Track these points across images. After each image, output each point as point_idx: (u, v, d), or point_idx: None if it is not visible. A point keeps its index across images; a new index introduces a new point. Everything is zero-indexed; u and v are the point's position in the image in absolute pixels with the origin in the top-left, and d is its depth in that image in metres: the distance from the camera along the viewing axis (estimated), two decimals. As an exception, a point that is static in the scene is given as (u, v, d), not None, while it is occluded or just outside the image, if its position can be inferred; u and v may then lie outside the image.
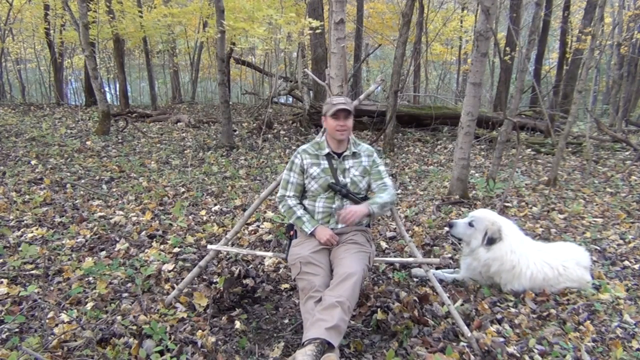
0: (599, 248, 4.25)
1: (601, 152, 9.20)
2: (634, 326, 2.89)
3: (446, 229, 4.65)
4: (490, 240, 3.23)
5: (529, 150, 9.25)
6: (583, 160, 8.36)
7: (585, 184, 6.73)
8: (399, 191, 6.25)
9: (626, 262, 3.94)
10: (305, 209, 2.87)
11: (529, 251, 3.30)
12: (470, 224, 3.35)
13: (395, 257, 3.95)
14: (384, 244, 4.21)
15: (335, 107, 2.72)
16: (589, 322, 2.88)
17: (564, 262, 3.32)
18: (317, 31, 9.95)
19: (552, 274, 3.26)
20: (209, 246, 3.12)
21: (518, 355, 2.52)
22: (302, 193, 2.93)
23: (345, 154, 2.85)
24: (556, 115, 10.36)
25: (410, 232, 4.52)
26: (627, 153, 8.94)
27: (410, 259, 2.98)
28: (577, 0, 15.95)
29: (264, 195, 3.17)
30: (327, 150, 2.84)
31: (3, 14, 15.02)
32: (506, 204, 5.46)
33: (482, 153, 9.13)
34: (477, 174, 7.17)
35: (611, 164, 8.16)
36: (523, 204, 5.62)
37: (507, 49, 11.17)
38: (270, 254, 3.14)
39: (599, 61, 14.42)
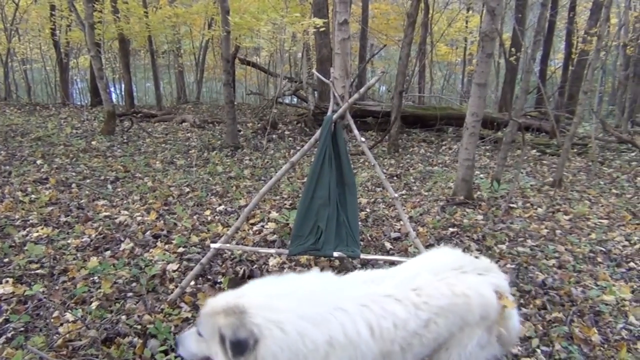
0: (604, 249, 4.23)
1: (607, 153, 9.14)
2: (639, 328, 2.87)
3: (450, 229, 4.64)
4: (237, 347, 1.58)
5: (534, 151, 9.21)
6: (588, 161, 8.31)
7: (590, 185, 6.69)
8: (404, 192, 6.24)
9: (631, 264, 3.92)
10: None
11: (342, 297, 1.75)
12: (200, 333, 1.76)
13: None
14: (388, 245, 4.20)
15: None
16: (594, 323, 2.87)
17: (427, 280, 1.89)
18: (322, 29, 9.95)
19: (407, 312, 1.78)
20: (212, 244, 3.14)
21: (523, 356, 2.51)
22: None
23: None
24: (562, 116, 10.31)
25: (414, 232, 4.50)
26: (632, 154, 8.88)
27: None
28: (582, 0, 15.87)
29: (263, 190, 3.18)
30: None
31: (9, 14, 15.14)
32: (511, 205, 5.44)
33: (487, 154, 9.09)
34: (482, 175, 7.14)
35: (617, 165, 8.12)
36: (528, 205, 5.60)
37: (513, 49, 11.11)
38: (273, 250, 3.15)
39: (605, 62, 14.35)
